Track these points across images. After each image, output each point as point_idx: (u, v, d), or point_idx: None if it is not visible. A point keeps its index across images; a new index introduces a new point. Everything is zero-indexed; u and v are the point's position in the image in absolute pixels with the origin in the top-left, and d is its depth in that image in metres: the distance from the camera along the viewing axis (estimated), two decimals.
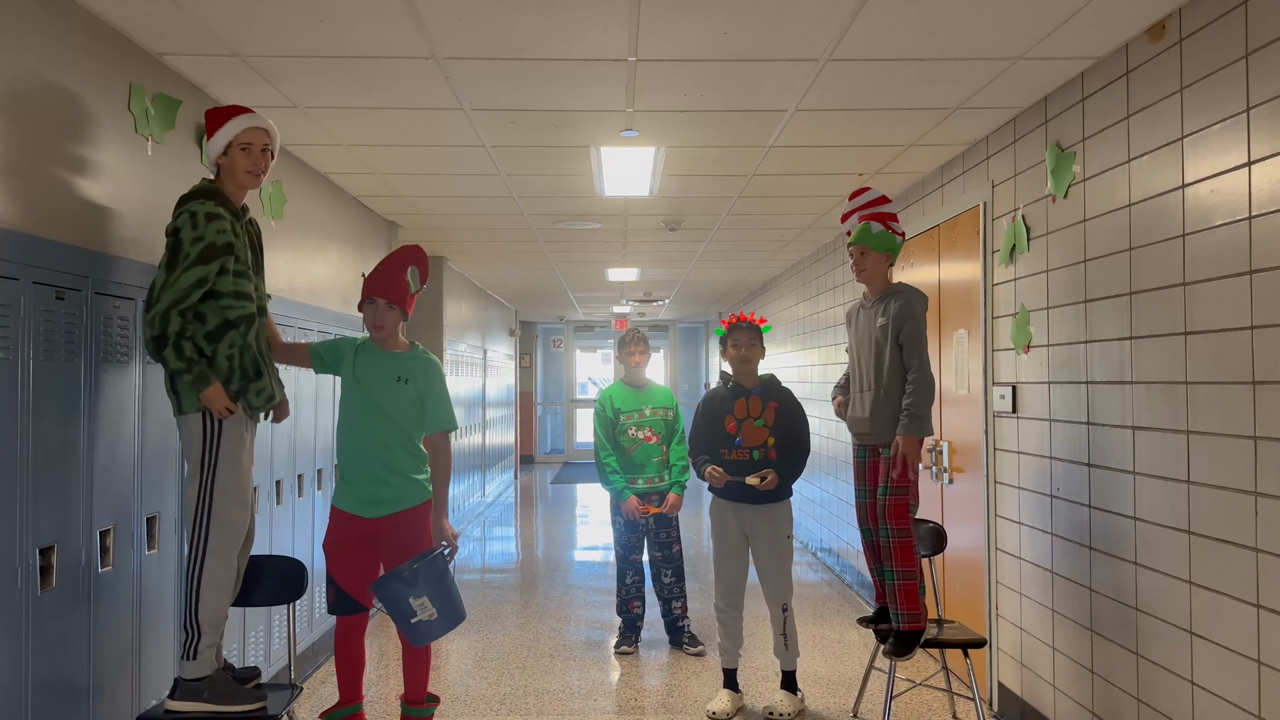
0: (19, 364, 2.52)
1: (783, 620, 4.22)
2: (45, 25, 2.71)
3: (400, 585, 3.30)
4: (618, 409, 5.24)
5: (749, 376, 4.33)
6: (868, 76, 3.57)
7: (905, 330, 3.57)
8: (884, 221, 3.69)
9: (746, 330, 4.35)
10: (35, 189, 2.65)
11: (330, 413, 5.08)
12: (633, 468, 5.18)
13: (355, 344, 3.61)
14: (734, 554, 4.30)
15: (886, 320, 3.60)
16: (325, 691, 4.58)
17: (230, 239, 2.87)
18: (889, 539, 3.56)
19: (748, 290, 11.71)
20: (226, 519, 2.89)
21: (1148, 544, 3.10)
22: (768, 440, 4.20)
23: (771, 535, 4.23)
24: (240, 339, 2.92)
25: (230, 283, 2.89)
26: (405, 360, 3.55)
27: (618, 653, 5.23)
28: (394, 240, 6.63)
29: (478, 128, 4.25)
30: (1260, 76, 2.55)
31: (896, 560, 3.56)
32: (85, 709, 2.83)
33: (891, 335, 3.58)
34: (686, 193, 5.69)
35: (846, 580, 6.97)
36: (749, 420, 4.23)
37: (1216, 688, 2.75)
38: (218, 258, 2.83)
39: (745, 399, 4.27)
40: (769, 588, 4.25)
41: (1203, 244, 2.80)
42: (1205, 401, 2.79)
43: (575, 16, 3.01)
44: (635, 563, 5.30)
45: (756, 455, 4.19)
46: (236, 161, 2.97)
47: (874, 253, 3.69)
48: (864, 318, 3.76)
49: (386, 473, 3.49)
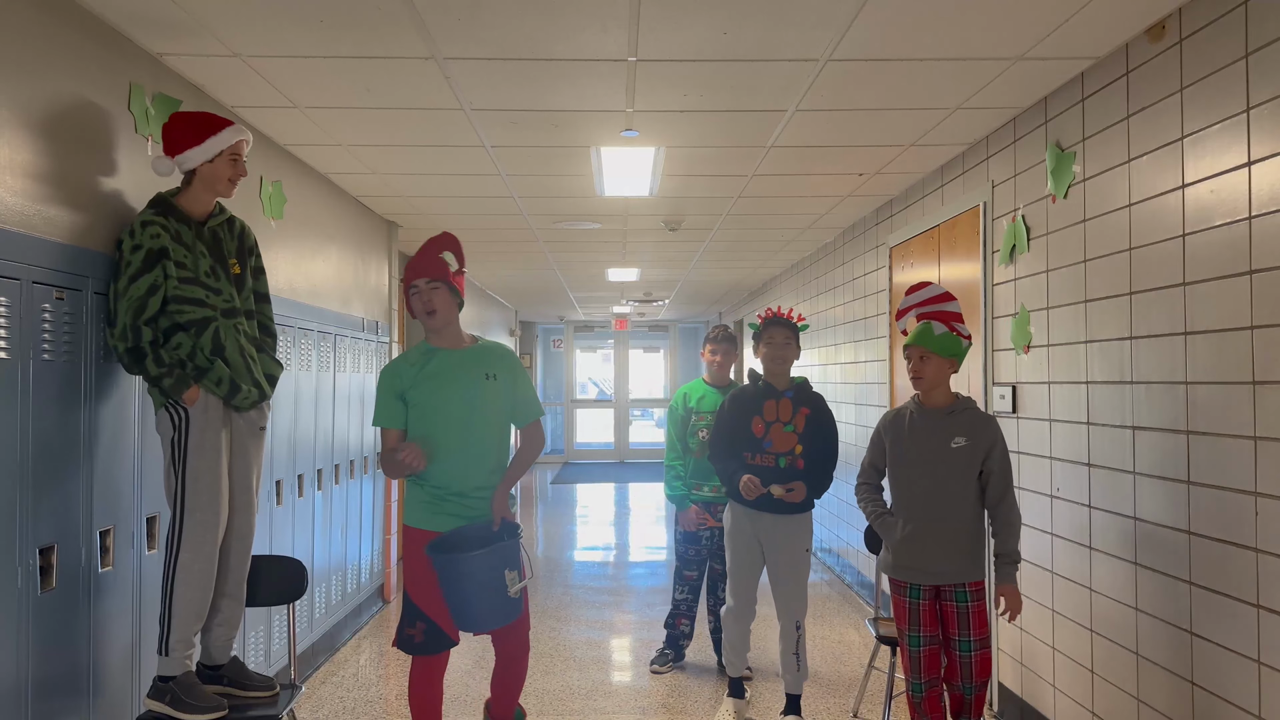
0: (19, 364, 2.52)
1: (795, 638, 3.94)
2: (45, 25, 2.71)
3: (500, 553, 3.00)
4: (691, 407, 4.75)
5: (781, 378, 3.99)
6: (868, 76, 3.57)
7: (996, 456, 3.20)
8: (947, 322, 3.25)
9: (782, 327, 4.00)
10: (35, 189, 2.65)
11: (330, 413, 5.09)
12: (700, 474, 4.65)
13: (408, 361, 3.26)
14: (748, 564, 4.00)
15: (967, 442, 3.20)
16: (325, 691, 4.58)
17: (165, 244, 2.89)
18: (973, 694, 3.21)
19: (748, 290, 11.71)
20: (197, 508, 2.90)
21: (1148, 544, 3.10)
22: (795, 448, 3.89)
23: (791, 548, 3.94)
24: (190, 341, 2.93)
25: (172, 287, 2.90)
26: (483, 355, 3.30)
27: (652, 670, 4.88)
28: (394, 240, 6.63)
29: (478, 128, 4.25)
30: (1260, 76, 2.55)
31: (974, 705, 3.24)
32: (85, 709, 2.83)
33: (975, 461, 3.20)
34: (686, 193, 5.69)
35: (846, 580, 6.97)
36: (778, 424, 3.91)
37: (1216, 688, 2.75)
38: (158, 263, 2.87)
39: (776, 401, 3.94)
40: (783, 603, 3.97)
41: (1203, 244, 2.80)
42: (1205, 401, 2.79)
43: (575, 16, 3.01)
44: (690, 580, 4.82)
45: (783, 463, 3.87)
46: (220, 170, 3.00)
47: (936, 358, 3.22)
48: (924, 433, 3.27)
49: (491, 479, 3.26)
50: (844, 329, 7.11)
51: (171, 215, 2.95)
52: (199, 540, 2.90)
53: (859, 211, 6.32)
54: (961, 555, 3.20)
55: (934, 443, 3.23)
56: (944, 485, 3.21)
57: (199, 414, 2.91)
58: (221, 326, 2.99)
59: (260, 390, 3.08)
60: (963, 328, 3.26)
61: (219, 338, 2.97)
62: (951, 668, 3.25)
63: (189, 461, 2.90)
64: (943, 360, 3.23)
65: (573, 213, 6.32)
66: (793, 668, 3.95)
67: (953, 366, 3.26)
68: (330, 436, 5.11)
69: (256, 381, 3.07)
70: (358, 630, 5.70)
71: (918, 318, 3.32)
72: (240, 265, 3.12)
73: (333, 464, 5.15)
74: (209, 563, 2.94)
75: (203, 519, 2.90)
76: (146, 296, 2.85)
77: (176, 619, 2.89)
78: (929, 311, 3.30)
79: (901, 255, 5.69)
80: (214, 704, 2.88)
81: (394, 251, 6.65)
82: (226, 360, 2.97)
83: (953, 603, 3.23)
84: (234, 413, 3.05)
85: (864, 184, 5.43)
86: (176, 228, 2.94)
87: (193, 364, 2.93)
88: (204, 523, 2.90)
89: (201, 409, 2.92)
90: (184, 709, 2.83)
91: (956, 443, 3.20)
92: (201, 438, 2.91)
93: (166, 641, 2.89)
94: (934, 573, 3.22)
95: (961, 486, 3.21)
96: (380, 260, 6.38)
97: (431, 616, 3.17)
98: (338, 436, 5.24)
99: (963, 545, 3.20)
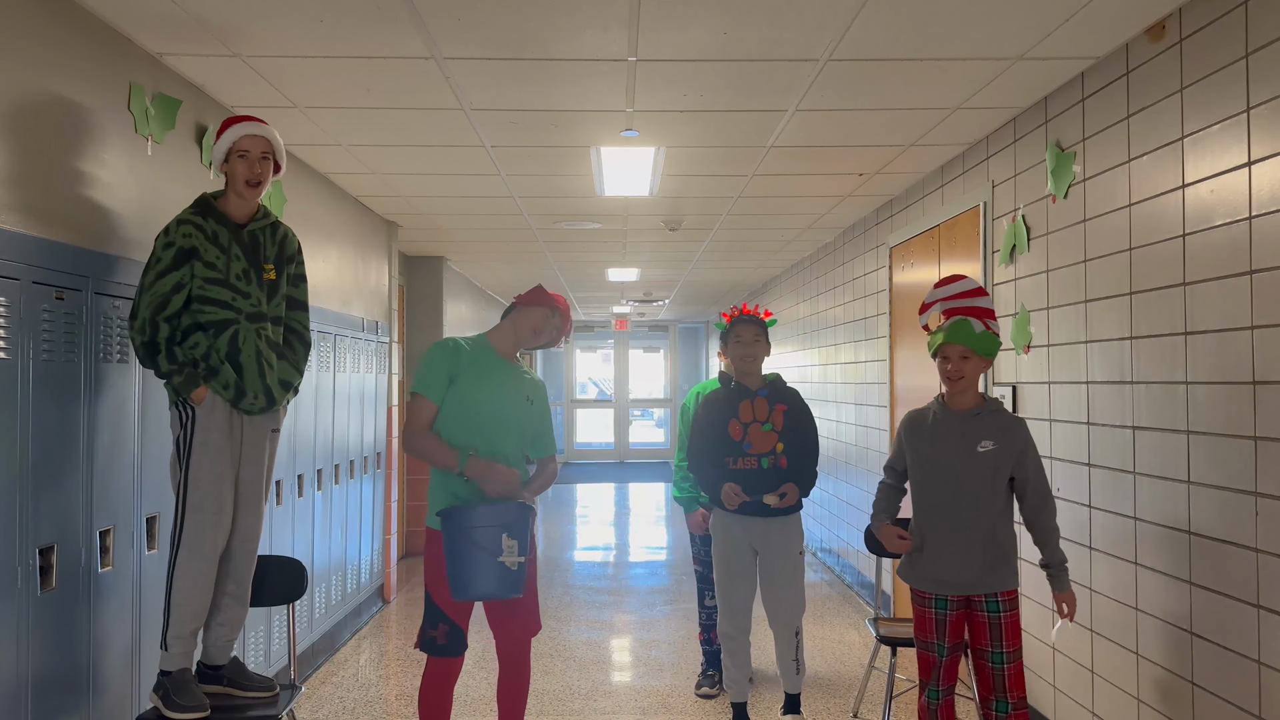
0: (19, 364, 2.52)
1: (795, 645, 3.82)
2: (45, 25, 2.71)
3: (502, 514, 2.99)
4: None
5: (753, 376, 3.87)
6: (868, 76, 3.57)
7: (1029, 462, 3.01)
8: (983, 319, 3.02)
9: (750, 324, 3.87)
10: (35, 189, 2.65)
11: (330, 413, 5.09)
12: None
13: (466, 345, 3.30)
14: (743, 573, 3.83)
15: (995, 446, 2.99)
16: (325, 692, 4.58)
17: (195, 244, 2.89)
18: (1007, 712, 3.00)
19: (748, 290, 11.72)
20: (198, 508, 2.90)
21: (1148, 544, 3.10)
22: (776, 446, 3.76)
23: (786, 551, 3.80)
24: (207, 341, 2.93)
25: (198, 287, 2.91)
26: (528, 381, 3.37)
27: (700, 695, 4.53)
28: (394, 240, 6.63)
29: (478, 128, 4.25)
30: (1260, 76, 2.55)
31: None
32: (85, 709, 2.83)
33: (1004, 467, 3.00)
34: (686, 193, 5.69)
35: (846, 580, 6.97)
36: (756, 424, 3.78)
37: (1216, 688, 2.75)
38: (187, 261, 2.88)
39: (750, 401, 3.80)
40: (781, 610, 3.81)
41: (1203, 244, 2.80)
42: (1205, 401, 2.79)
43: (575, 16, 3.01)
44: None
45: (765, 464, 3.75)
46: (235, 169, 2.99)
47: (976, 358, 3.00)
48: (948, 436, 3.06)
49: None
50: (844, 329, 7.11)
51: (211, 216, 2.96)
52: (198, 540, 2.90)
53: (859, 211, 6.32)
54: (985, 565, 2.99)
55: (959, 447, 3.01)
56: (968, 492, 2.99)
57: (205, 414, 2.91)
58: (243, 330, 2.98)
59: (269, 397, 3.05)
60: (994, 324, 3.05)
61: (236, 341, 2.96)
62: (984, 682, 3.04)
63: (192, 460, 2.90)
64: (981, 360, 3.02)
65: (573, 213, 6.32)
66: (792, 671, 3.86)
67: (988, 367, 3.10)
68: (330, 436, 5.11)
69: (267, 388, 3.04)
70: (357, 630, 5.70)
71: (946, 313, 3.07)
72: (276, 271, 3.10)
73: (333, 464, 5.15)
74: (207, 563, 2.93)
75: (203, 520, 2.90)
76: (170, 294, 2.86)
77: (174, 616, 2.90)
78: (962, 307, 3.04)
79: (901, 255, 5.69)
80: (197, 704, 2.87)
81: (394, 251, 6.65)
82: (239, 364, 2.95)
83: (984, 613, 3.01)
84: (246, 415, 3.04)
85: (864, 184, 5.43)
86: (215, 228, 2.95)
87: (205, 364, 2.93)
88: (204, 524, 2.90)
89: (209, 409, 2.92)
90: (171, 707, 2.84)
91: (983, 446, 2.98)
92: (206, 438, 2.91)
93: (165, 636, 2.91)
94: (956, 583, 3.01)
95: (988, 493, 2.99)
96: (380, 260, 6.38)
97: (452, 617, 3.17)
98: (338, 436, 5.24)
99: (987, 554, 2.99)
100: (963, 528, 3.00)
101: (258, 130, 3.01)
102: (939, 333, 3.06)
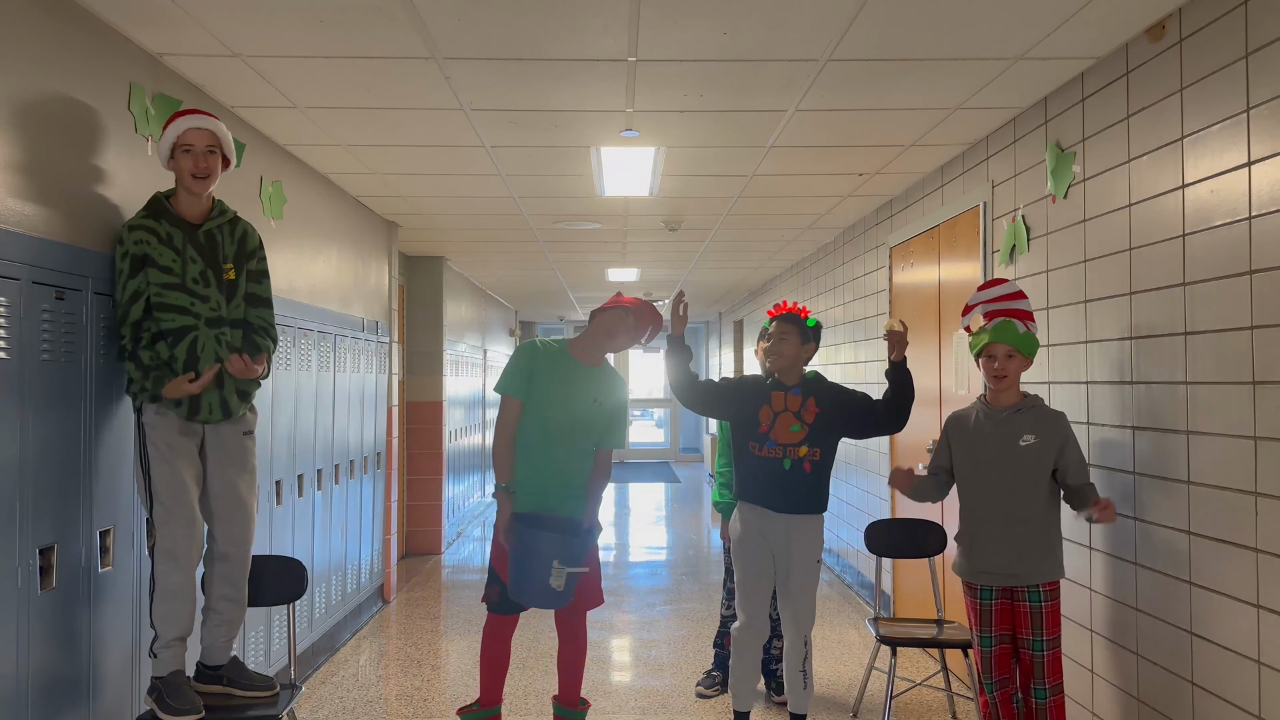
0: (19, 364, 2.52)
1: (804, 654, 3.64)
2: (45, 25, 2.71)
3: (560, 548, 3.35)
4: None
5: (786, 373, 3.68)
6: (868, 76, 3.57)
7: (1071, 452, 3.15)
8: (1024, 321, 3.21)
9: (780, 321, 3.73)
10: (35, 189, 2.65)
11: (330, 413, 5.09)
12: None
13: (549, 349, 3.63)
14: (760, 573, 3.69)
15: (1036, 440, 3.14)
16: (325, 692, 4.58)
17: (146, 250, 2.86)
18: (1046, 699, 3.14)
19: (747, 290, 11.71)
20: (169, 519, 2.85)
21: (1148, 544, 3.10)
22: (801, 449, 3.58)
23: (805, 557, 3.63)
24: (167, 350, 2.89)
25: (155, 294, 2.88)
26: (600, 379, 3.63)
27: (698, 694, 4.56)
28: (394, 240, 6.63)
29: (478, 128, 4.25)
30: (1260, 76, 2.55)
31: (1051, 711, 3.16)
32: (85, 709, 2.83)
33: (1046, 459, 3.15)
34: (686, 193, 5.69)
35: (846, 580, 6.97)
36: (786, 414, 3.60)
37: (1216, 688, 2.75)
38: (142, 269, 2.87)
39: (784, 393, 3.65)
40: (793, 617, 3.65)
41: (1203, 244, 2.80)
42: (1205, 401, 2.79)
43: (575, 17, 3.01)
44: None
45: (787, 464, 3.58)
46: (180, 164, 2.93)
47: (1020, 357, 3.19)
48: (991, 433, 3.21)
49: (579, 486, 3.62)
50: (844, 329, 7.11)
51: (164, 218, 2.91)
52: (172, 552, 2.86)
53: (859, 211, 6.32)
54: (1034, 556, 3.14)
55: (1002, 442, 3.18)
56: (1014, 485, 3.16)
57: (152, 416, 2.88)
58: (202, 337, 2.92)
59: (224, 409, 2.97)
60: (1034, 326, 3.24)
61: (195, 349, 2.91)
62: (1025, 670, 3.19)
63: (153, 470, 2.86)
64: (1024, 359, 3.20)
65: (573, 213, 6.32)
66: (799, 685, 3.65)
67: (1029, 366, 3.24)
68: (330, 436, 5.11)
69: (224, 400, 2.97)
70: (357, 630, 5.70)
71: (986, 315, 3.25)
72: (236, 270, 3.02)
73: (333, 464, 5.15)
74: (185, 575, 2.88)
75: (174, 531, 2.86)
76: (129, 303, 2.86)
77: (158, 629, 2.89)
78: (1004, 309, 3.22)
79: (901, 255, 5.69)
80: (191, 706, 2.85)
81: (394, 251, 6.65)
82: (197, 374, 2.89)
83: (1025, 603, 3.16)
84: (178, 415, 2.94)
85: (864, 184, 5.43)
86: (169, 230, 2.90)
87: (169, 371, 2.89)
88: (176, 535, 2.86)
89: (152, 412, 2.88)
90: (165, 709, 2.83)
91: (1025, 440, 3.15)
92: (156, 436, 2.87)
93: (152, 645, 2.91)
94: (1008, 575, 3.16)
95: (1032, 486, 3.15)
96: (380, 260, 6.39)
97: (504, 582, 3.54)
98: (338, 436, 5.24)
99: (1036, 545, 3.14)
100: (1010, 521, 3.17)
101: (202, 123, 2.94)
102: (983, 333, 3.23)
